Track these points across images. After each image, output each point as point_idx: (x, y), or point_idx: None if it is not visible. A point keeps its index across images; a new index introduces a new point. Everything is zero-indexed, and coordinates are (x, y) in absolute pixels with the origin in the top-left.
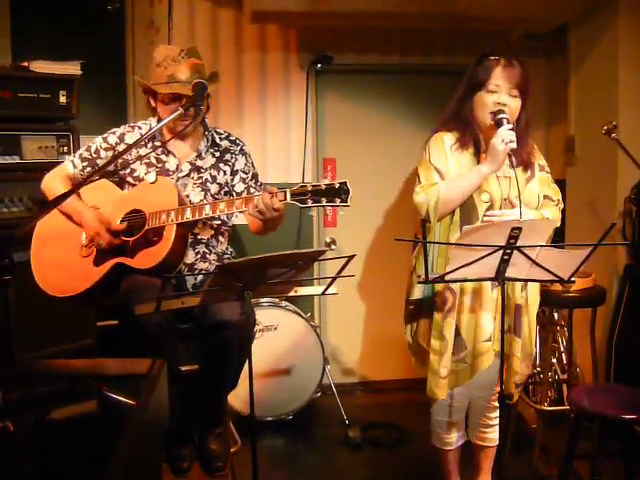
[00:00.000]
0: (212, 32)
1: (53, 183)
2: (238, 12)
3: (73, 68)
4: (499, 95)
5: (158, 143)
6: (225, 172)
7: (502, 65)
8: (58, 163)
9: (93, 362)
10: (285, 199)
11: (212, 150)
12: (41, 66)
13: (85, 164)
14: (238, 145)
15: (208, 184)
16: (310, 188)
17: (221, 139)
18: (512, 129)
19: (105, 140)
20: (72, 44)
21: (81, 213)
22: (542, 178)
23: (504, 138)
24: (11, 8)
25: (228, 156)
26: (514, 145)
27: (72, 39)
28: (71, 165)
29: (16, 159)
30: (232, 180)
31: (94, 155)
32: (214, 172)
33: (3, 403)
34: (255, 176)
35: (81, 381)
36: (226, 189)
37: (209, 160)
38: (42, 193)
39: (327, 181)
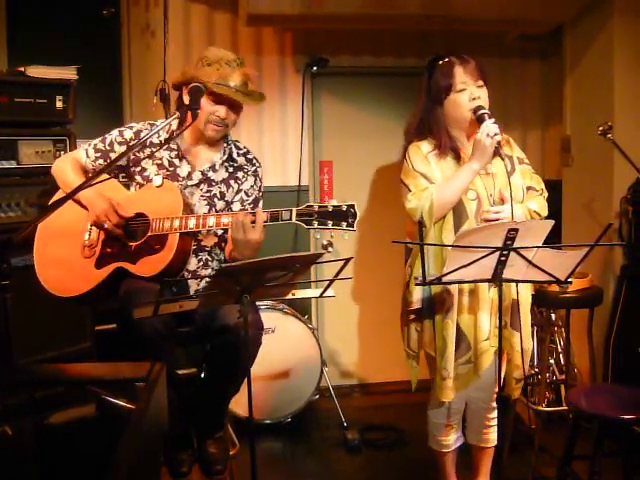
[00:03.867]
0: (208, 35)
1: (65, 169)
2: (233, 15)
3: (69, 73)
4: (469, 90)
5: (174, 146)
6: (233, 189)
7: (459, 64)
8: None
9: (92, 366)
10: (290, 219)
11: (227, 164)
12: (37, 71)
13: (98, 155)
14: (254, 166)
15: (215, 199)
16: (317, 209)
17: (239, 155)
18: (495, 122)
19: (121, 134)
20: (68, 49)
21: (89, 196)
22: (523, 170)
23: (489, 132)
24: (7, 14)
25: (240, 174)
26: (499, 137)
27: (68, 44)
28: (84, 154)
29: (13, 164)
30: (233, 197)
31: (108, 148)
32: (224, 188)
33: (2, 407)
34: (256, 201)
35: (80, 386)
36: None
37: (222, 174)
38: (52, 177)
39: (335, 202)
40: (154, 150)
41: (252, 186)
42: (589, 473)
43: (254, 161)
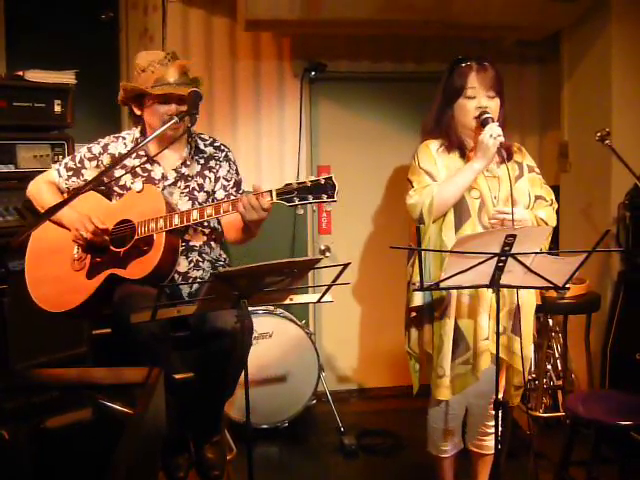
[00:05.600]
0: (206, 40)
1: (40, 190)
2: (232, 20)
3: (67, 77)
4: (478, 99)
5: (143, 153)
6: (210, 179)
7: (475, 70)
8: None
9: (90, 371)
10: (271, 199)
11: (197, 157)
12: (36, 75)
13: (70, 173)
14: (223, 152)
15: (195, 192)
16: (296, 186)
17: (205, 145)
18: (498, 125)
19: (89, 150)
20: (66, 53)
21: (68, 215)
22: (532, 178)
23: (492, 133)
24: (5, 18)
25: (213, 163)
26: (502, 139)
27: (66, 48)
28: (56, 174)
29: (11, 168)
30: (214, 186)
31: (79, 165)
32: (200, 180)
33: None
34: (237, 183)
35: (77, 390)
36: (212, 196)
37: (194, 167)
38: (28, 200)
39: (312, 177)
40: (125, 163)
41: (228, 171)
42: (586, 479)
43: (222, 147)
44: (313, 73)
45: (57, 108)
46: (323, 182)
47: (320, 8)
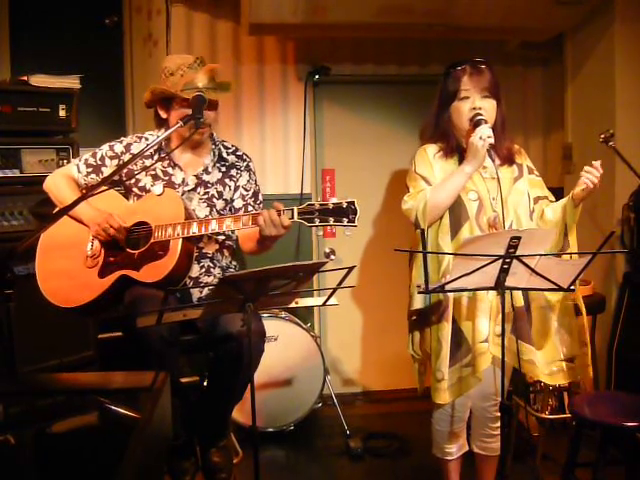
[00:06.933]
0: (210, 44)
1: (58, 183)
2: (236, 24)
3: (72, 82)
4: (472, 100)
5: (164, 155)
6: (230, 187)
7: (469, 73)
8: None
9: (97, 376)
10: (292, 217)
11: (219, 165)
12: (40, 80)
13: (90, 170)
14: (245, 161)
15: (214, 200)
16: (317, 207)
17: (228, 153)
18: (490, 127)
19: (111, 148)
20: (71, 58)
21: (88, 211)
22: (533, 180)
23: (482, 135)
24: (10, 23)
25: (234, 172)
26: (492, 141)
27: (71, 53)
28: (76, 169)
29: (16, 172)
30: (233, 195)
31: (99, 162)
32: (220, 187)
33: (4, 416)
34: (256, 194)
35: (83, 395)
36: (230, 205)
37: (215, 175)
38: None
39: (335, 200)
40: (145, 162)
41: (248, 181)
42: None
43: (244, 157)
44: (317, 76)
45: (62, 113)
46: (345, 206)
47: (324, 11)
